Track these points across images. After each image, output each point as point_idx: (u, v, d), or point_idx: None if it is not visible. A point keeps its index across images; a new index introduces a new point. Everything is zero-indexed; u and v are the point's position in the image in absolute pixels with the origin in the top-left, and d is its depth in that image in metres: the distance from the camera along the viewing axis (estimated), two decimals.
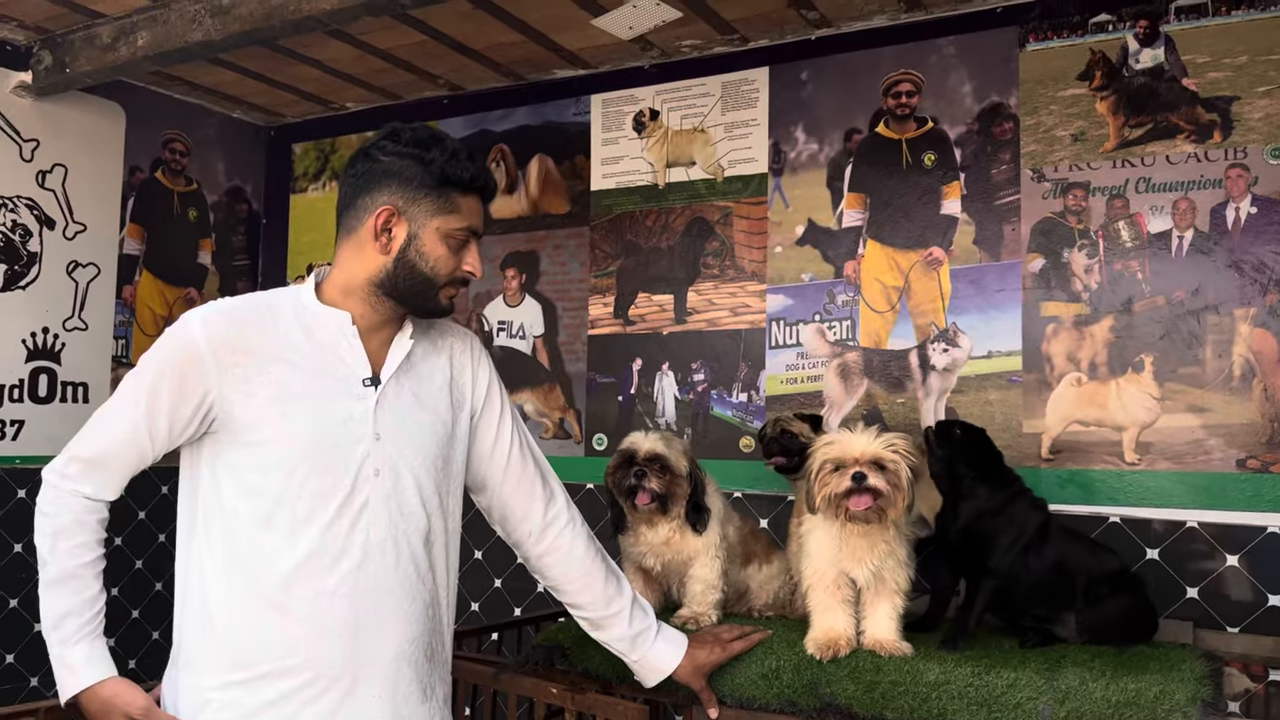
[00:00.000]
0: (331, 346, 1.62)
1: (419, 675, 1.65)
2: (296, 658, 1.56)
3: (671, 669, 1.89)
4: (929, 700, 1.78)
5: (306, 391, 1.58)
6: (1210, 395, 2.54)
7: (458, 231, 1.63)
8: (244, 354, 1.56)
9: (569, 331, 3.43)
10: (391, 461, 1.62)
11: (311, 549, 1.56)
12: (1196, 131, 2.59)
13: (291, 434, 1.56)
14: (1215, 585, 2.49)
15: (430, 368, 1.72)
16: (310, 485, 1.56)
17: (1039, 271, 2.75)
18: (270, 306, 1.63)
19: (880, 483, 1.79)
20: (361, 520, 1.59)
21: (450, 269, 1.64)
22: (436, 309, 1.67)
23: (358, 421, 1.60)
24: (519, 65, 3.38)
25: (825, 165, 3.05)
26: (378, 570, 1.60)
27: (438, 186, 1.61)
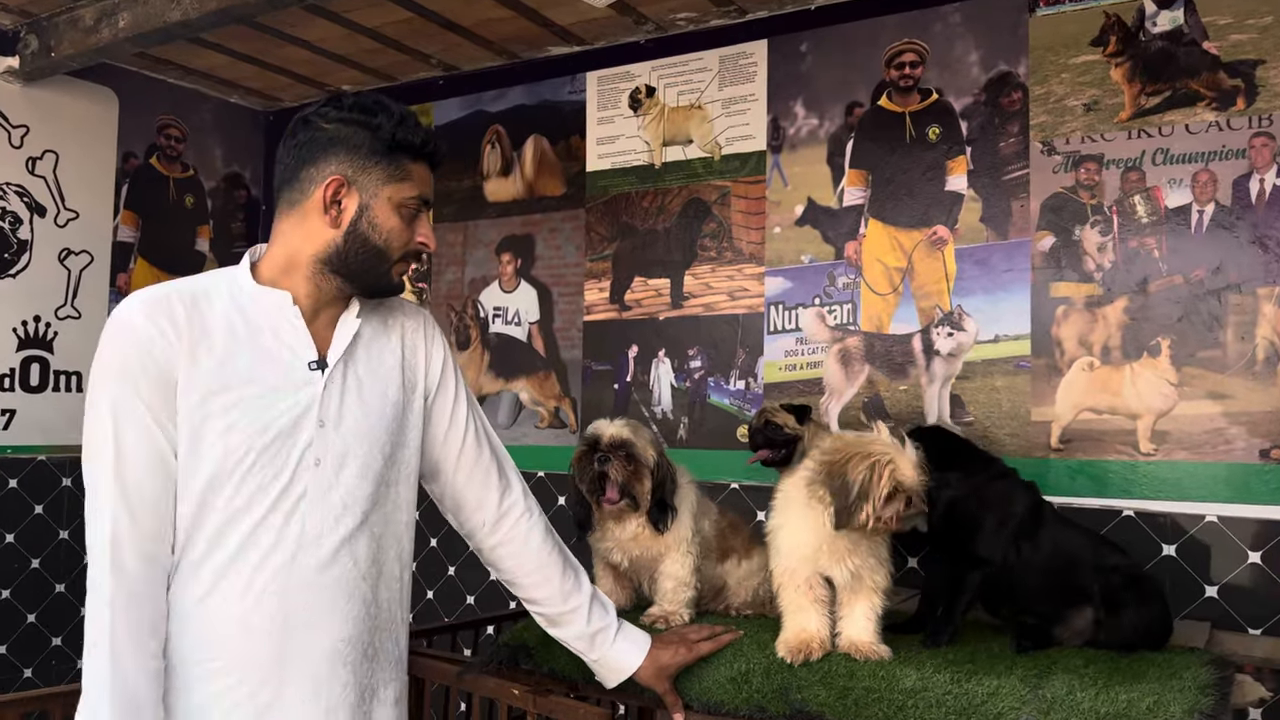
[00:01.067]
0: (272, 330, 1.51)
1: (356, 677, 1.55)
2: (221, 659, 1.47)
3: (632, 669, 1.79)
4: (904, 708, 1.65)
5: (248, 379, 1.48)
6: (1232, 381, 2.37)
7: (410, 200, 1.54)
8: (186, 339, 1.46)
9: (564, 317, 3.32)
10: (335, 450, 1.52)
11: (242, 544, 1.47)
12: (1218, 98, 2.42)
13: (234, 428, 1.46)
14: (1235, 584, 2.32)
15: (380, 348, 1.62)
16: (251, 479, 1.47)
17: (1049, 250, 2.59)
18: (204, 291, 1.52)
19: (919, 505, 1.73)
20: (296, 513, 1.49)
21: (404, 241, 1.55)
22: (388, 286, 1.58)
23: (302, 408, 1.50)
24: (512, 43, 3.28)
25: (826, 141, 2.91)
26: (311, 565, 1.50)
27: (388, 153, 1.51)
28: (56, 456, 3.32)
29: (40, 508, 3.28)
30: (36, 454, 3.28)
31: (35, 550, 3.27)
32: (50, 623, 3.31)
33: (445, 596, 3.41)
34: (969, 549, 1.91)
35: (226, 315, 1.50)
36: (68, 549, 3.35)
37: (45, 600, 3.29)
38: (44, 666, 3.28)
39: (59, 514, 3.33)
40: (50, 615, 3.31)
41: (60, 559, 3.33)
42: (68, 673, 3.31)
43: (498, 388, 3.42)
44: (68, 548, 3.35)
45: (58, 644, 3.32)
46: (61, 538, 3.33)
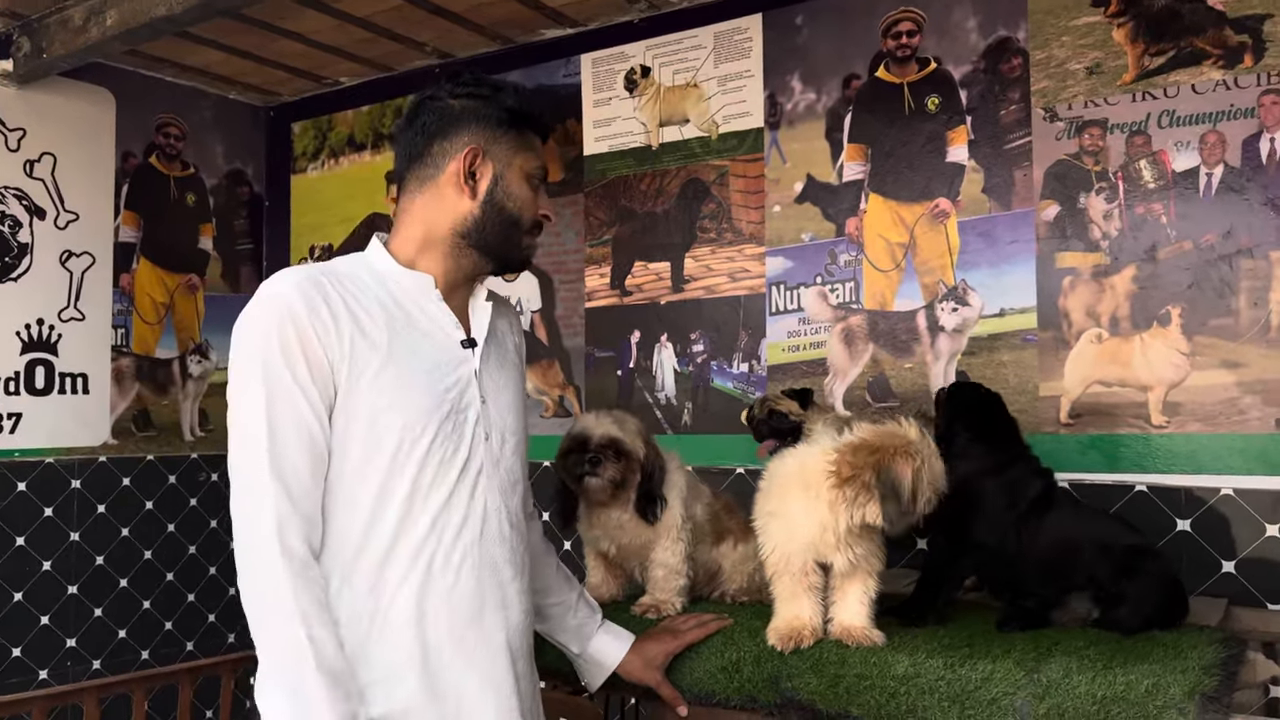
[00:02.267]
0: (421, 310, 1.52)
1: (531, 651, 1.59)
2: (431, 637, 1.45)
3: (615, 663, 1.77)
4: (897, 695, 1.60)
5: (416, 355, 1.47)
6: (1245, 349, 2.28)
7: (537, 170, 1.58)
8: (347, 319, 1.43)
9: (566, 305, 3.28)
10: (497, 425, 1.55)
11: (434, 523, 1.45)
12: (1225, 56, 2.32)
13: (413, 402, 1.45)
14: (1254, 558, 2.24)
15: (504, 333, 1.66)
16: (435, 453, 1.46)
17: (1054, 220, 2.51)
18: (350, 273, 1.50)
19: None
20: (478, 487, 1.50)
21: (534, 210, 1.59)
22: (519, 257, 1.61)
23: (466, 384, 1.52)
24: (505, 27, 3.24)
25: (824, 116, 2.84)
26: (496, 538, 1.52)
27: (513, 124, 1.54)
28: (64, 459, 3.33)
29: (50, 510, 3.29)
30: (44, 457, 3.29)
31: (46, 553, 3.29)
32: (63, 625, 3.33)
33: None
34: (966, 531, 1.84)
35: (378, 296, 1.49)
36: (79, 551, 3.37)
37: (57, 603, 3.31)
38: (59, 668, 3.30)
39: (69, 516, 3.35)
40: (62, 617, 3.32)
41: (71, 561, 3.35)
42: (83, 674, 3.34)
43: None
44: (78, 550, 3.37)
45: (72, 645, 3.34)
46: (72, 540, 3.35)
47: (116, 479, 3.46)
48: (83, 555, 3.37)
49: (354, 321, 1.43)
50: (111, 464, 3.45)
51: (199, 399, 3.72)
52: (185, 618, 3.62)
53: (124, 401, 3.51)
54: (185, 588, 3.62)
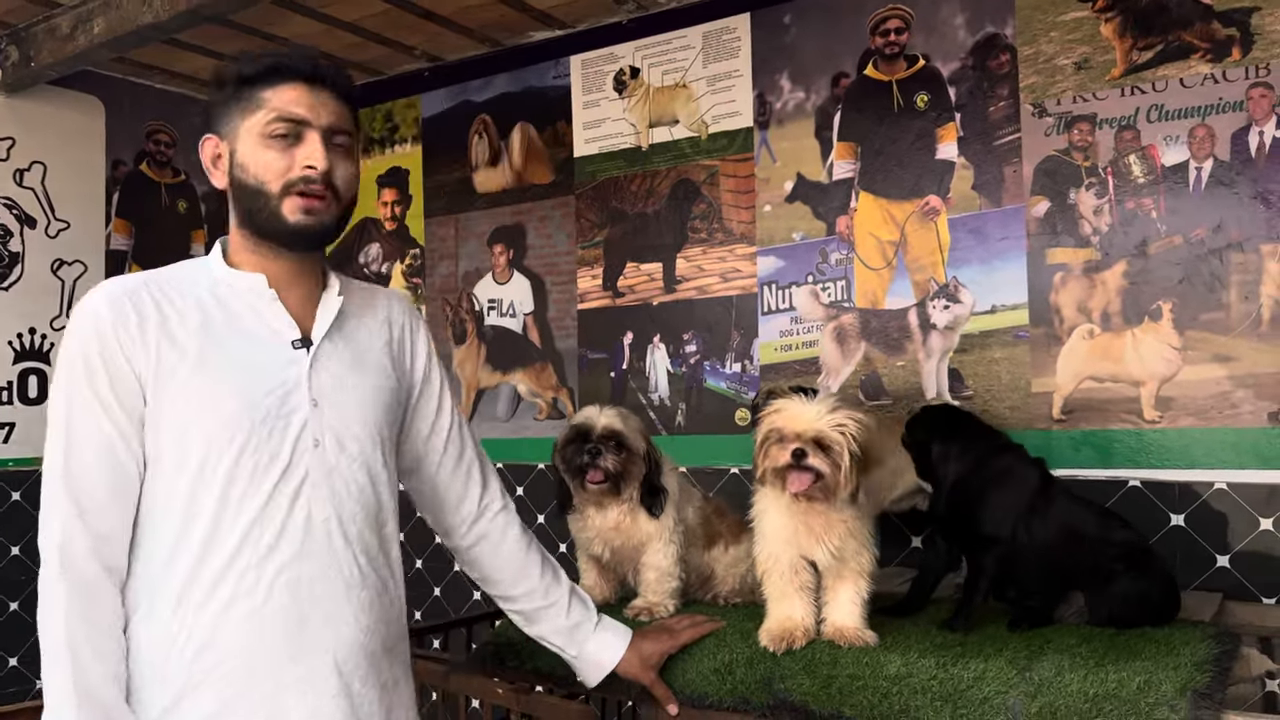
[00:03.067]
0: (252, 311, 1.45)
1: (377, 670, 1.46)
2: (233, 661, 1.36)
3: (614, 662, 1.74)
4: (889, 695, 1.59)
5: (231, 360, 1.41)
6: (1237, 342, 2.28)
7: (271, 125, 1.41)
8: (156, 328, 1.39)
9: (559, 307, 3.28)
10: (333, 430, 1.45)
11: (244, 536, 1.37)
12: (1213, 49, 2.32)
13: (220, 408, 1.38)
14: (1248, 552, 2.24)
15: (367, 330, 1.56)
16: (244, 463, 1.38)
17: (1044, 216, 2.51)
18: (178, 278, 1.46)
19: (821, 463, 1.60)
20: (301, 498, 1.40)
21: (279, 171, 1.42)
22: (285, 226, 1.43)
23: (291, 387, 1.43)
24: (493, 29, 3.23)
25: (813, 114, 2.84)
26: (322, 554, 1.41)
27: (236, 93, 1.44)
28: None
29: None
30: (37, 466, 3.26)
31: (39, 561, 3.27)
32: None
33: (452, 591, 3.39)
34: (976, 529, 1.83)
35: (200, 300, 1.44)
36: None
37: None
38: None
39: None
40: None
41: None
42: None
43: (495, 380, 3.39)
44: None
45: None
46: None
47: None
48: None
49: (163, 329, 1.39)
50: None
51: None
52: None
53: None
54: None
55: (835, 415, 1.63)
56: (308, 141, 1.42)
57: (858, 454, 1.62)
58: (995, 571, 1.84)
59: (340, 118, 1.46)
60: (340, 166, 1.45)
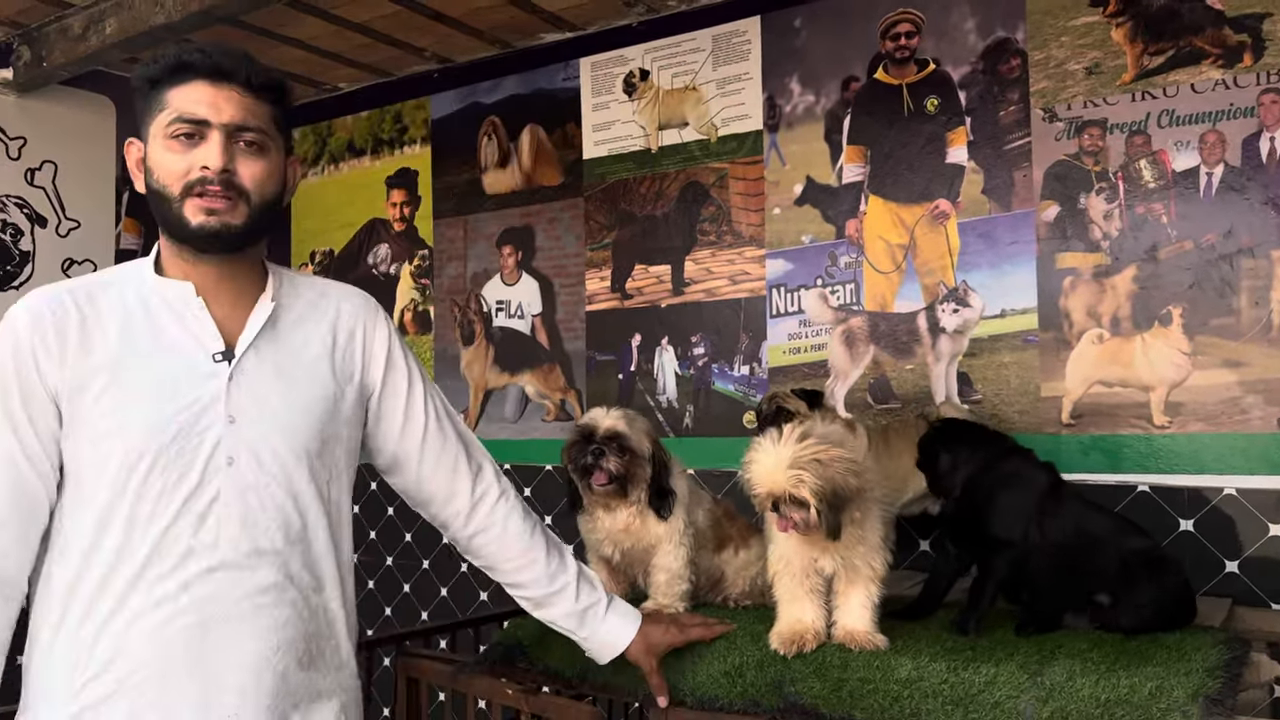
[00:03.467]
0: (177, 321, 1.42)
1: (289, 687, 1.43)
2: (137, 675, 1.36)
3: (625, 644, 1.72)
4: (900, 699, 1.60)
5: (145, 375, 1.39)
6: (1247, 348, 2.28)
7: (172, 125, 1.38)
8: (75, 341, 1.38)
9: (567, 308, 3.28)
10: (250, 447, 1.41)
11: (151, 553, 1.36)
12: (1224, 55, 2.32)
13: (130, 426, 1.36)
14: (1258, 557, 2.24)
15: (303, 336, 1.51)
16: (153, 482, 1.36)
17: (1054, 220, 2.51)
18: (106, 285, 1.44)
19: (794, 513, 1.61)
20: (210, 517, 1.38)
21: (178, 174, 1.38)
22: (186, 230, 1.39)
23: (206, 403, 1.39)
24: (504, 31, 3.24)
25: (822, 118, 2.84)
26: (231, 573, 1.39)
27: (147, 96, 1.42)
28: None
29: None
30: None
31: None
32: None
33: (460, 591, 3.39)
34: (988, 532, 1.83)
35: (126, 310, 1.41)
36: None
37: None
38: None
39: None
40: None
41: None
42: None
43: (503, 382, 3.39)
44: None
45: None
46: None
47: None
48: None
49: (81, 344, 1.37)
50: None
51: None
52: None
53: None
54: None
55: (795, 471, 1.59)
56: (208, 141, 1.39)
57: (826, 496, 1.60)
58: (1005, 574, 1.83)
59: (249, 114, 1.41)
60: (248, 165, 1.41)
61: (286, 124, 1.50)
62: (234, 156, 1.39)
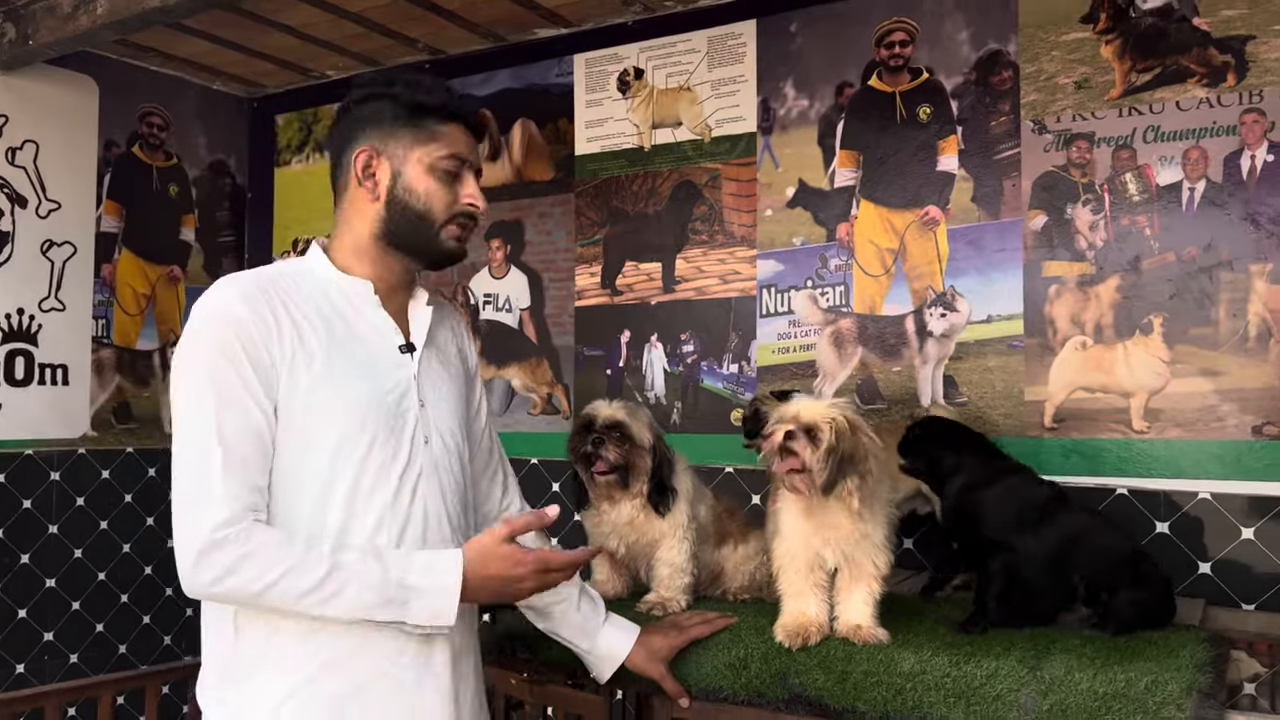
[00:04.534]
0: (360, 315, 1.54)
1: (474, 651, 1.62)
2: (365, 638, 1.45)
3: (624, 656, 1.79)
4: (904, 692, 1.65)
5: (353, 362, 1.50)
6: (1224, 358, 2.37)
7: (443, 160, 1.54)
8: (289, 327, 1.46)
9: (556, 303, 3.30)
10: (436, 428, 1.57)
11: (378, 523, 1.47)
12: (1208, 75, 2.41)
13: (350, 407, 1.47)
14: (1230, 559, 2.33)
15: (445, 336, 1.69)
16: (374, 456, 1.47)
17: (1041, 229, 2.58)
18: (292, 277, 1.53)
19: (804, 449, 1.66)
20: (419, 491, 1.52)
21: (446, 203, 1.55)
22: (443, 250, 1.57)
23: (404, 389, 1.54)
24: (498, 25, 3.24)
25: (816, 122, 2.89)
26: (436, 542, 1.52)
27: (410, 117, 1.54)
28: (44, 450, 3.29)
29: (29, 502, 3.25)
30: (24, 449, 3.24)
31: (25, 546, 3.25)
32: (40, 618, 3.29)
33: None
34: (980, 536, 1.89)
35: (318, 303, 1.51)
36: (57, 544, 3.33)
37: (35, 596, 3.28)
38: (37, 662, 3.26)
39: (48, 509, 3.30)
40: (40, 611, 3.29)
41: (50, 554, 3.31)
42: (60, 668, 3.31)
43: (489, 375, 3.40)
44: (57, 542, 3.33)
45: (49, 639, 3.30)
46: (51, 532, 3.31)
47: (96, 471, 3.43)
48: (61, 548, 3.33)
49: (295, 330, 1.46)
50: (91, 456, 3.42)
51: None
52: (162, 612, 3.59)
53: (104, 393, 3.47)
54: (163, 582, 3.59)
55: (830, 410, 1.71)
56: (467, 180, 1.57)
57: (834, 446, 1.67)
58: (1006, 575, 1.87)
59: (480, 159, 1.62)
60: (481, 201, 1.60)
61: None
62: None
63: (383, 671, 1.47)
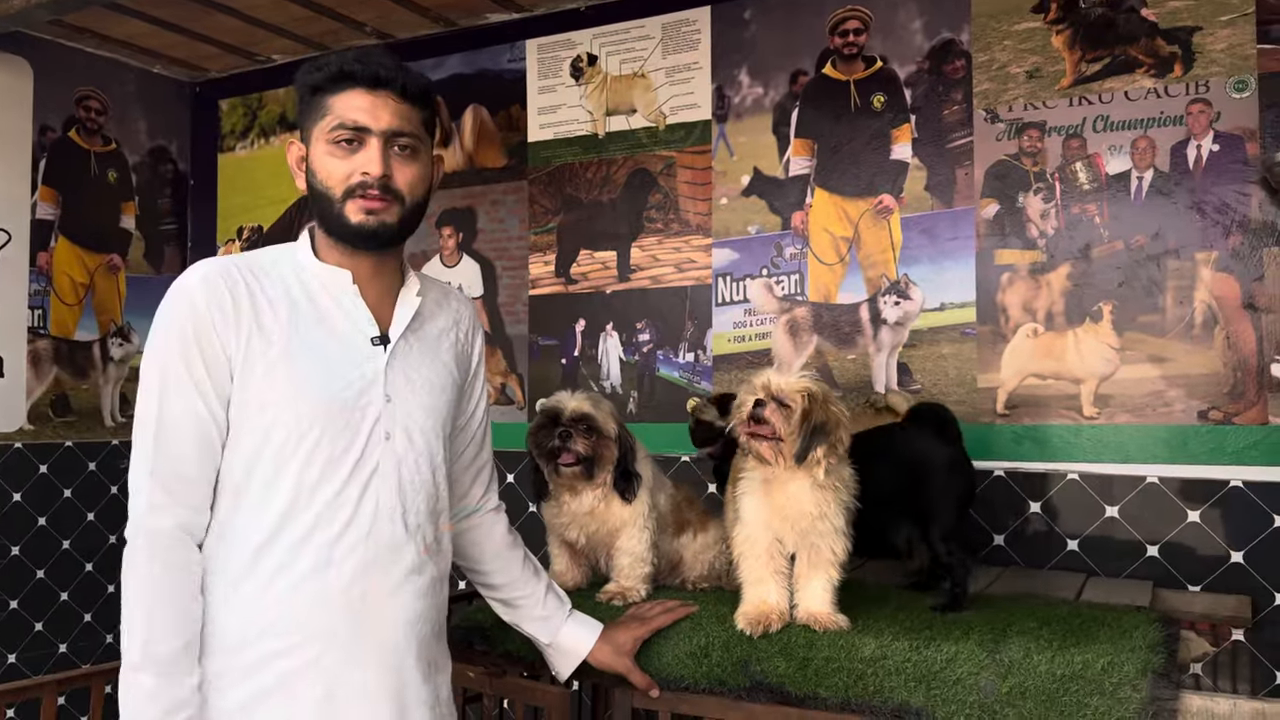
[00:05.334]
0: (334, 305, 1.52)
1: (426, 652, 1.56)
2: (298, 634, 1.44)
3: (586, 651, 1.79)
4: (864, 677, 1.65)
5: (314, 352, 1.49)
6: (1171, 344, 2.41)
7: (334, 132, 1.48)
8: (248, 312, 1.46)
9: (509, 292, 3.27)
10: (403, 424, 1.54)
11: (318, 519, 1.46)
12: (1156, 65, 2.44)
13: (301, 397, 1.46)
14: (1177, 542, 2.38)
15: (438, 328, 1.65)
16: (322, 450, 1.46)
17: (993, 218, 2.61)
18: (268, 264, 1.53)
19: (775, 417, 1.67)
20: (371, 487, 1.49)
21: (343, 175, 1.48)
22: (352, 229, 1.49)
23: (368, 382, 1.51)
24: (448, 9, 3.19)
25: (771, 110, 2.89)
26: (386, 540, 1.50)
27: (311, 98, 1.52)
28: None
29: None
30: None
31: None
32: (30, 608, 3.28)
33: None
34: None
35: (288, 289, 1.51)
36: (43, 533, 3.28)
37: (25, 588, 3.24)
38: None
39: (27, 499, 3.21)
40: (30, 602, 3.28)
41: None
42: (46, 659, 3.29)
43: None
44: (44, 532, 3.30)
45: (39, 629, 3.28)
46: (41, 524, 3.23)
47: (33, 466, 3.33)
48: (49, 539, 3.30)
49: (254, 315, 1.46)
50: (28, 450, 3.31)
51: (120, 383, 3.59)
52: (105, 610, 3.50)
53: (41, 385, 3.37)
54: (105, 579, 3.50)
55: (801, 380, 1.72)
56: (368, 147, 1.48)
57: (808, 411, 1.69)
58: None
59: (403, 120, 1.50)
60: (402, 169, 1.50)
61: (434, 127, 1.59)
62: (390, 161, 1.49)
63: None
